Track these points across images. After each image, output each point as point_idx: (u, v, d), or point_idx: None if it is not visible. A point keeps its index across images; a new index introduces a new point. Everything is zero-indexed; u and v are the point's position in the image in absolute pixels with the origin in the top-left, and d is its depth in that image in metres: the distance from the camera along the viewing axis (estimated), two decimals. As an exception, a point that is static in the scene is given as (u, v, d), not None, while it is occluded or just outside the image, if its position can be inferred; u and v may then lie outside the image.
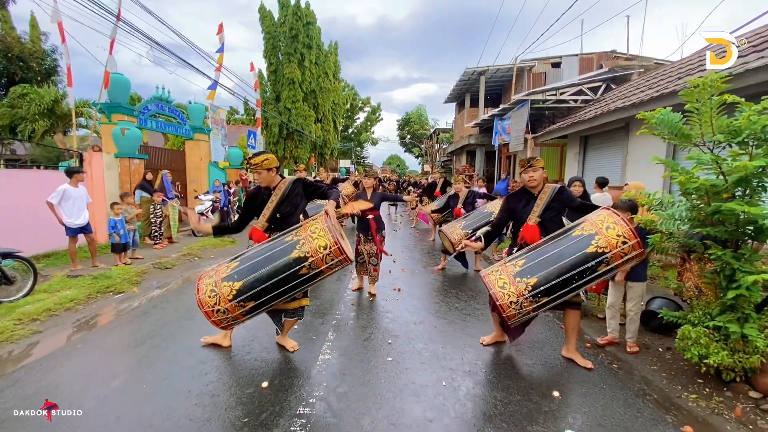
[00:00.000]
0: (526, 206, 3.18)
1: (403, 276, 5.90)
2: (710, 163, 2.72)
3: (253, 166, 3.06)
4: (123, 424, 2.32)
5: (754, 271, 2.46)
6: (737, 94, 2.73)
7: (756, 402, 2.63)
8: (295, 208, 3.16)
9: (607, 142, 8.66)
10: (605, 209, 2.91)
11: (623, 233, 2.68)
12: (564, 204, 3.16)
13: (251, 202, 3.21)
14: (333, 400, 2.61)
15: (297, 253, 2.79)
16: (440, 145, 31.22)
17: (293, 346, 3.32)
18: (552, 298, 2.75)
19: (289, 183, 3.16)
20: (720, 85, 2.55)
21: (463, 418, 2.45)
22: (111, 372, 2.98)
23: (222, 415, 2.41)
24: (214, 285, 2.79)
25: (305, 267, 2.78)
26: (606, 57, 15.32)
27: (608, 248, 2.67)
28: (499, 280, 2.81)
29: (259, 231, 3.10)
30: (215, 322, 2.82)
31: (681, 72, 6.91)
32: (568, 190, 3.25)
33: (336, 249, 2.80)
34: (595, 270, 2.70)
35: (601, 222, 2.77)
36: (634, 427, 2.41)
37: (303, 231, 2.88)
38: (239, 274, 2.79)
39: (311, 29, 24.40)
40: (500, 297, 2.75)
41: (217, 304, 2.75)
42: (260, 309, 2.88)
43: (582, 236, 2.76)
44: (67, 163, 7.82)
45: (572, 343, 3.24)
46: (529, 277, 2.74)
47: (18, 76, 16.04)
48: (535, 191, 3.20)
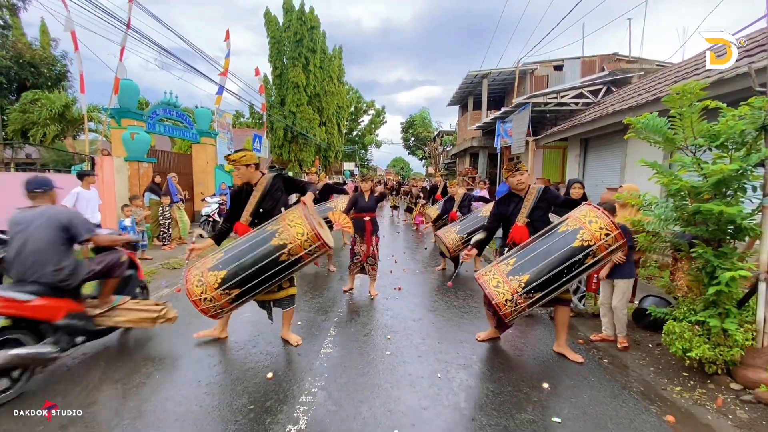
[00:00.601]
0: (514, 208, 3.35)
1: (404, 276, 6.06)
2: (692, 166, 2.86)
3: (232, 162, 3.24)
4: (138, 410, 2.50)
5: (732, 268, 2.59)
6: (723, 99, 2.87)
7: (736, 393, 2.75)
8: (277, 202, 3.32)
9: (606, 145, 8.77)
10: (586, 205, 3.08)
11: (605, 225, 2.84)
12: (549, 203, 3.35)
13: (236, 200, 3.37)
14: (334, 389, 2.77)
15: (276, 240, 2.95)
16: (444, 148, 31.36)
17: (297, 341, 3.48)
18: (545, 292, 2.88)
19: (270, 178, 3.33)
20: (699, 92, 2.69)
21: (456, 406, 2.60)
22: (124, 364, 3.16)
23: (230, 402, 2.58)
24: (201, 275, 2.94)
25: (285, 254, 2.94)
26: (608, 60, 15.42)
27: (593, 241, 2.83)
28: (493, 280, 2.94)
29: (244, 225, 3.26)
30: (203, 310, 2.95)
31: (678, 76, 7.02)
32: (552, 190, 3.43)
33: (313, 235, 2.96)
34: (582, 262, 2.84)
35: (584, 217, 2.94)
36: (618, 416, 2.54)
37: (282, 221, 3.06)
38: (224, 263, 2.95)
39: (315, 33, 24.68)
40: (495, 296, 2.87)
41: (204, 292, 2.89)
42: (245, 296, 3.02)
43: (567, 231, 2.92)
44: (80, 166, 8.07)
45: (562, 339, 3.37)
46: (521, 275, 2.88)
47: (29, 81, 16.43)
48: (522, 193, 3.37)
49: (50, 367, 2.99)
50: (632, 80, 10.98)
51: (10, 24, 16.07)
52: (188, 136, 11.36)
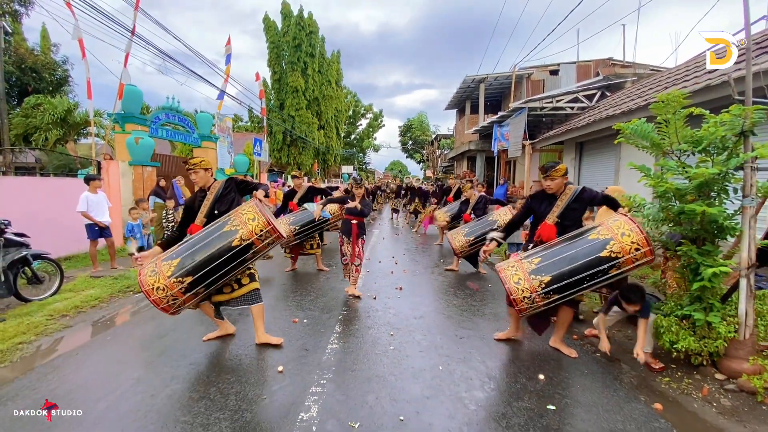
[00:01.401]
0: (547, 206, 3.35)
1: (405, 276, 6.22)
2: (678, 169, 3.04)
3: (192, 166, 3.39)
4: (157, 401, 2.65)
5: (714, 265, 2.77)
6: (710, 105, 3.06)
7: (721, 383, 2.93)
8: (230, 204, 3.40)
9: (601, 148, 8.99)
10: (622, 215, 3.08)
11: (638, 240, 2.86)
12: (585, 203, 3.32)
13: (189, 209, 3.46)
14: (342, 381, 2.92)
15: (228, 227, 3.07)
16: (441, 151, 31.61)
17: (278, 341, 3.49)
18: (563, 296, 2.98)
19: (223, 182, 3.47)
20: (682, 100, 2.88)
21: (457, 396, 2.76)
22: (140, 359, 3.32)
23: (243, 392, 2.74)
24: (155, 266, 3.01)
25: (237, 239, 3.02)
26: (603, 64, 15.68)
27: (621, 254, 2.87)
28: (515, 276, 3.03)
29: (198, 226, 3.32)
30: (155, 301, 2.97)
31: (669, 81, 7.25)
32: (590, 190, 3.38)
33: (264, 221, 3.05)
34: (606, 273, 2.92)
35: (617, 228, 2.95)
36: (609, 404, 2.70)
37: (234, 212, 3.18)
38: (177, 252, 3.05)
39: (314, 38, 24.96)
40: (514, 291, 2.99)
41: (156, 281, 2.93)
42: (199, 285, 3.03)
43: (597, 240, 2.95)
44: (86, 170, 8.22)
45: (560, 335, 3.51)
46: (543, 275, 2.94)
47: (31, 86, 16.57)
48: (557, 193, 3.35)
49: (66, 359, 3.15)
50: (626, 85, 11.22)
51: (12, 30, 16.21)
52: (190, 141, 11.52)
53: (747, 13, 2.98)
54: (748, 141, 2.83)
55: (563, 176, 3.29)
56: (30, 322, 4.00)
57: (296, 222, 6.00)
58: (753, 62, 4.39)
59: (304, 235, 6.12)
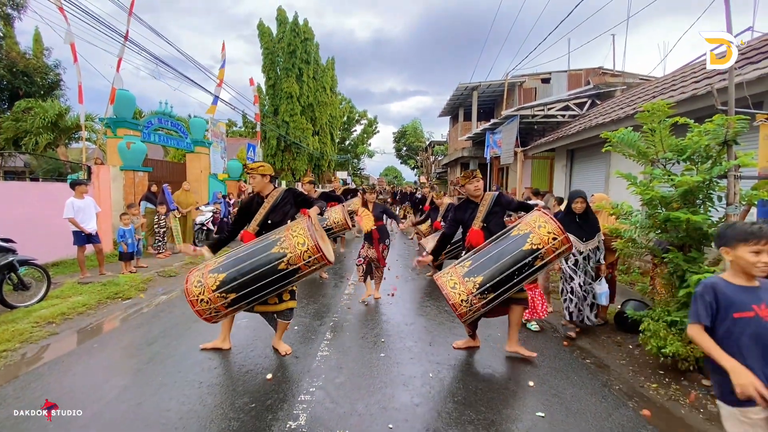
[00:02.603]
0: (471, 214, 3.53)
1: (397, 282, 6.21)
2: (663, 177, 3.10)
3: (251, 170, 3.39)
4: (144, 409, 2.61)
5: (699, 272, 2.81)
6: (697, 115, 3.11)
7: (708, 389, 2.96)
8: (285, 215, 3.41)
9: (591, 156, 9.10)
10: (537, 210, 3.28)
11: (553, 230, 3.04)
12: (504, 207, 3.56)
13: (246, 209, 3.48)
14: (331, 388, 2.91)
15: (277, 249, 3.03)
16: (435, 157, 31.76)
17: (286, 350, 3.49)
18: (498, 293, 3.05)
19: (282, 191, 3.46)
20: (666, 110, 2.94)
21: (446, 403, 2.76)
22: (128, 367, 3.27)
23: (231, 401, 2.71)
24: (201, 276, 3.02)
25: (284, 262, 2.99)
26: (593, 73, 15.93)
27: (541, 244, 3.02)
28: (450, 281, 3.10)
29: (250, 234, 3.34)
30: (199, 312, 3.01)
31: (657, 90, 7.38)
32: (506, 195, 3.67)
33: (313, 246, 3.01)
34: (532, 265, 3.04)
35: (534, 222, 3.14)
36: (598, 410, 2.72)
37: (285, 230, 3.14)
38: (224, 267, 3.04)
39: (309, 45, 25.06)
40: (452, 296, 3.04)
41: (201, 293, 2.96)
42: (241, 302, 3.06)
43: (519, 236, 3.11)
44: (76, 175, 8.14)
45: (515, 338, 3.49)
46: (475, 276, 3.03)
47: (22, 90, 16.40)
48: (478, 200, 3.55)
49: (51, 367, 3.09)
50: (615, 94, 11.40)
51: (4, 34, 16.09)
52: (182, 146, 11.47)
53: (729, 25, 3.06)
54: (731, 150, 2.90)
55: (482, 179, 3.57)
56: (15, 329, 3.93)
57: None
58: (736, 73, 4.50)
59: None
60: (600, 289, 3.91)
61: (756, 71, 4.44)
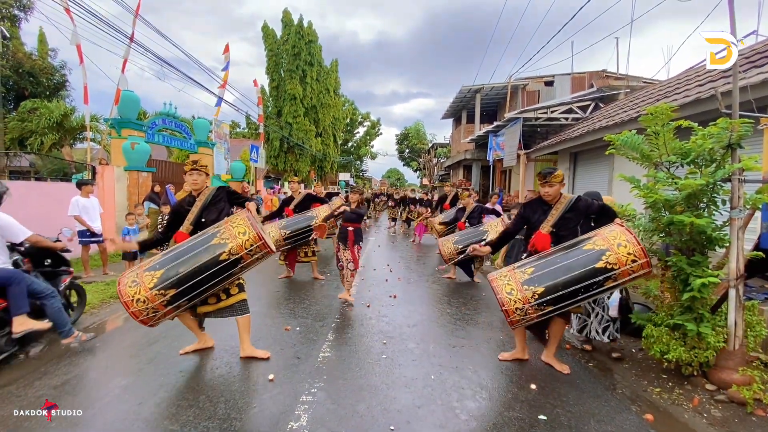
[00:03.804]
0: (541, 215, 3.28)
1: (399, 285, 6.21)
2: (667, 181, 3.08)
3: (201, 167, 3.34)
4: (145, 408, 2.62)
5: (702, 276, 2.79)
6: (701, 118, 3.10)
7: (711, 393, 2.94)
8: (219, 213, 3.32)
9: (594, 159, 9.08)
10: (619, 224, 2.99)
11: (634, 252, 2.77)
12: (582, 213, 3.22)
13: (177, 213, 3.38)
14: (333, 390, 2.90)
15: (217, 239, 2.96)
16: (438, 160, 31.78)
17: (264, 355, 3.35)
18: (557, 307, 2.90)
19: (213, 189, 3.41)
20: (670, 113, 2.93)
21: (448, 405, 2.75)
22: (130, 365, 3.28)
23: (233, 400, 2.71)
24: (135, 276, 2.88)
25: (225, 252, 2.92)
26: (597, 76, 15.92)
27: (617, 265, 2.77)
28: (507, 286, 2.93)
29: (184, 233, 3.23)
30: (134, 313, 2.84)
31: (660, 93, 7.37)
32: (585, 199, 3.30)
33: (255, 235, 2.95)
34: (602, 285, 2.83)
35: (613, 238, 2.86)
36: (601, 414, 2.70)
37: (224, 223, 3.09)
38: (161, 263, 2.92)
39: (313, 47, 25.15)
40: (506, 302, 2.90)
41: (137, 293, 2.80)
42: (182, 299, 2.92)
43: (593, 251, 2.85)
44: (81, 175, 8.19)
45: (552, 350, 3.40)
46: (536, 286, 2.86)
47: (28, 91, 16.54)
48: (552, 201, 3.29)
49: (53, 365, 3.11)
50: (619, 97, 11.38)
51: (10, 35, 16.23)
52: (186, 147, 11.53)
53: (734, 28, 3.05)
54: (735, 153, 2.88)
55: (561, 183, 3.25)
56: (18, 328, 3.94)
57: (287, 227, 5.99)
58: (741, 76, 4.48)
59: (295, 241, 6.07)
60: (611, 299, 3.52)
61: (760, 75, 4.43)
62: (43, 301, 3.32)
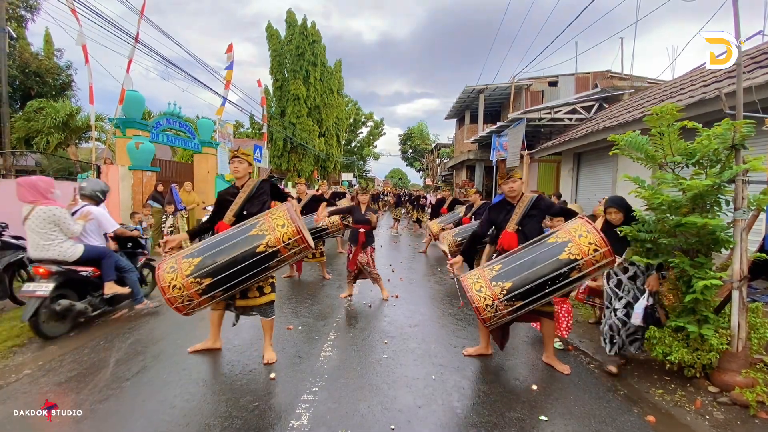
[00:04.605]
0: (506, 215, 3.38)
1: (401, 285, 6.21)
2: (673, 182, 3.06)
3: (244, 155, 3.35)
4: (148, 405, 2.64)
5: (705, 277, 2.78)
6: (705, 119, 3.08)
7: (714, 395, 2.92)
8: (262, 206, 3.31)
9: (598, 159, 9.05)
10: (580, 218, 3.07)
11: (595, 241, 2.85)
12: (543, 211, 3.37)
13: (221, 204, 3.40)
14: (334, 389, 2.91)
15: (256, 231, 2.94)
16: (441, 160, 31.74)
17: (270, 359, 3.31)
18: (526, 302, 2.92)
19: (258, 181, 3.40)
20: (675, 113, 2.91)
21: (449, 405, 2.75)
22: (134, 363, 3.30)
23: (235, 400, 2.73)
24: (174, 262, 2.88)
25: (263, 244, 2.89)
26: (601, 76, 15.86)
27: (580, 255, 2.84)
28: (476, 284, 2.98)
29: (225, 224, 3.24)
30: (170, 300, 2.83)
31: (665, 94, 7.33)
32: (546, 198, 3.44)
33: (293, 228, 2.91)
34: (567, 276, 2.89)
35: (575, 230, 2.95)
36: (602, 415, 2.69)
37: (264, 215, 3.06)
38: (200, 251, 2.92)
39: (317, 48, 25.22)
40: (476, 300, 2.92)
41: (174, 279, 2.80)
42: (217, 289, 2.90)
43: (556, 243, 2.94)
44: (86, 174, 8.25)
45: (550, 350, 3.43)
46: (504, 281, 2.89)
47: (34, 90, 16.67)
48: (514, 201, 3.41)
49: (58, 362, 3.15)
50: (623, 97, 11.33)
51: (17, 35, 16.37)
52: (190, 146, 11.58)
53: (738, 29, 3.03)
54: (739, 154, 2.87)
55: (521, 180, 3.41)
56: (24, 326, 3.98)
57: None
58: (745, 77, 4.46)
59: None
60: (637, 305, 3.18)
61: (765, 75, 4.40)
62: (125, 274, 4.38)
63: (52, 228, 3.78)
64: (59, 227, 3.80)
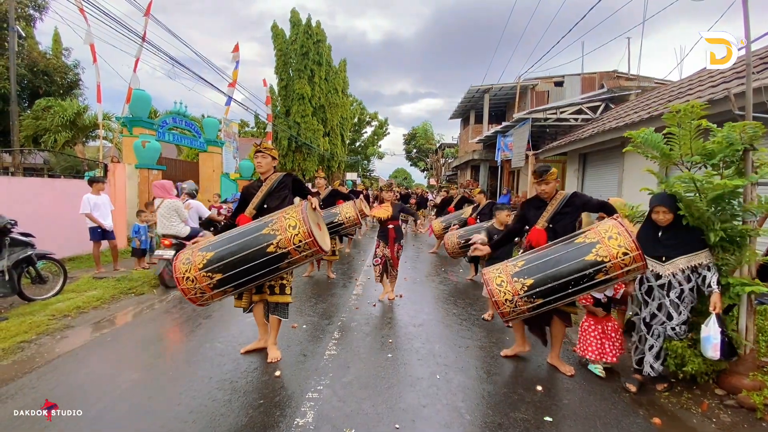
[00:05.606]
0: (537, 212, 3.32)
1: (405, 284, 6.21)
2: (688, 181, 3.00)
3: (265, 149, 3.34)
4: (155, 402, 2.66)
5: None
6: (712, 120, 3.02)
7: (720, 398, 2.90)
8: (282, 200, 3.29)
9: (604, 160, 8.99)
10: (612, 219, 2.95)
11: (625, 244, 2.71)
12: (578, 208, 3.27)
13: (244, 197, 3.40)
14: (338, 387, 2.92)
15: (267, 230, 2.90)
16: (445, 160, 31.70)
17: (275, 357, 3.31)
18: (547, 300, 2.88)
19: (280, 175, 3.40)
20: (699, 111, 2.86)
21: (453, 405, 2.75)
22: (140, 361, 3.33)
23: (240, 397, 2.75)
24: (190, 254, 2.92)
25: (273, 245, 2.85)
26: (607, 77, 15.75)
27: (608, 258, 2.72)
28: (498, 278, 2.97)
29: (246, 217, 3.25)
30: (184, 290, 2.88)
31: (672, 95, 7.27)
32: (582, 194, 3.36)
33: (305, 231, 2.86)
34: (592, 278, 2.77)
35: (605, 231, 2.83)
36: (607, 417, 2.68)
37: (279, 213, 3.01)
38: (214, 246, 2.94)
39: (321, 47, 25.22)
40: (496, 294, 2.92)
41: (188, 271, 2.83)
42: (227, 285, 2.90)
43: (584, 243, 2.84)
44: (93, 172, 8.33)
45: (556, 351, 3.40)
46: (526, 278, 2.87)
47: (42, 89, 16.83)
48: (548, 198, 3.32)
49: (66, 359, 3.18)
50: (630, 98, 11.25)
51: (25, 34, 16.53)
52: (196, 145, 11.65)
53: (747, 28, 3.00)
54: (749, 155, 2.84)
55: (556, 180, 3.31)
56: (32, 322, 4.03)
57: None
58: (755, 77, 4.40)
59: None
60: (704, 332, 2.70)
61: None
62: None
63: (174, 215, 5.43)
64: (178, 214, 5.46)
